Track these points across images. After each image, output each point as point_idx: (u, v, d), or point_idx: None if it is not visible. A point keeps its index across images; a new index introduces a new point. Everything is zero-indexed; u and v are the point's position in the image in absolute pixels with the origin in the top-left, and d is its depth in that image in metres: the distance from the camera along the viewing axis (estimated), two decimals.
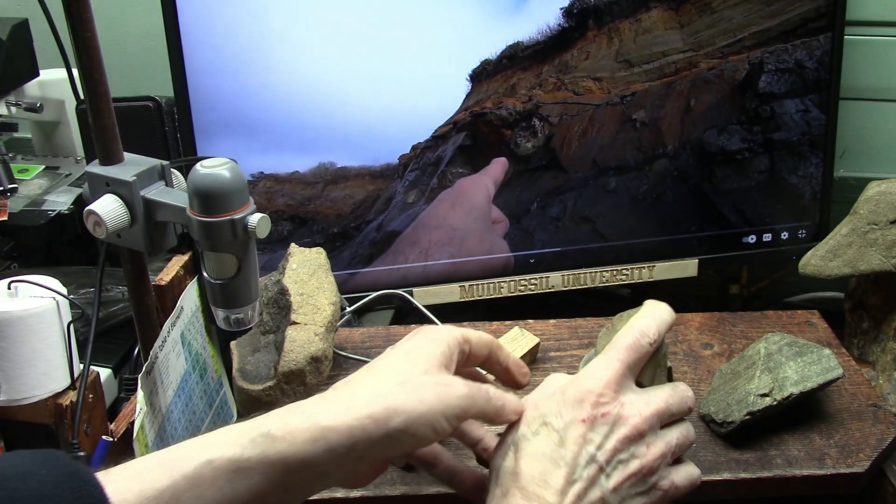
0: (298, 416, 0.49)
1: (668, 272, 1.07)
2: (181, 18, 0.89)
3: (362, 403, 0.50)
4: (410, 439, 0.50)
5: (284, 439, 0.48)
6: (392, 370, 0.53)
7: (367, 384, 0.52)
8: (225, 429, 0.50)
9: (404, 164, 0.99)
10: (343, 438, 0.49)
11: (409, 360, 0.54)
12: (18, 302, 0.73)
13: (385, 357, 0.55)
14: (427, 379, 0.53)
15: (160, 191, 0.68)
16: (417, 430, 0.50)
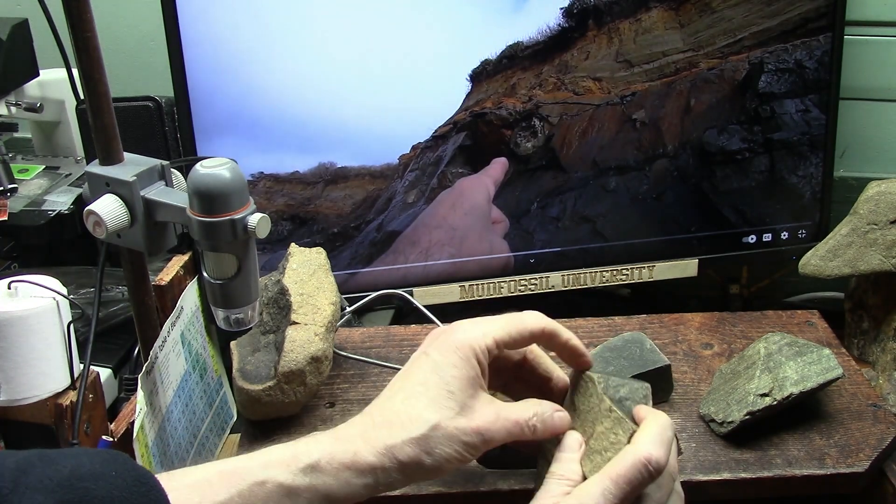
0: (343, 447, 0.53)
1: (668, 272, 1.07)
2: (181, 18, 0.89)
3: (399, 444, 0.53)
4: (446, 472, 0.55)
5: (329, 473, 0.52)
6: (426, 402, 0.54)
7: (404, 417, 0.54)
8: (279, 449, 0.53)
9: (404, 164, 0.99)
10: (382, 476, 0.53)
11: (440, 390, 0.54)
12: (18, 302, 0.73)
13: (414, 377, 0.56)
14: (459, 428, 0.54)
15: (160, 191, 0.68)
16: (451, 467, 0.54)
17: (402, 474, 0.53)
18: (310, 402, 0.85)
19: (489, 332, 0.57)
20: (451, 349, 0.55)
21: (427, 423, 0.53)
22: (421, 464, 0.53)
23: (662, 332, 0.96)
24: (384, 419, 0.54)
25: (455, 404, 0.54)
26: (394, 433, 0.53)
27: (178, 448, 0.85)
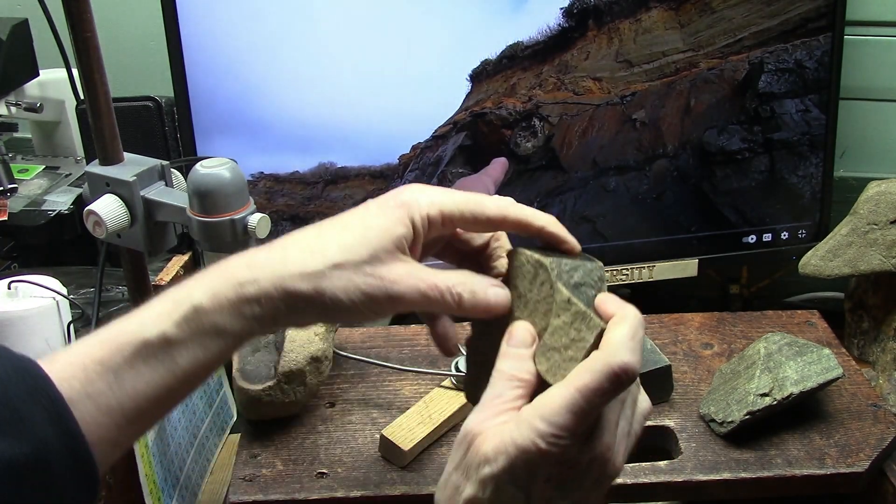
0: (225, 283, 0.49)
1: (668, 272, 1.07)
2: (181, 18, 0.89)
3: (290, 275, 0.48)
4: (341, 318, 0.51)
5: (214, 310, 0.48)
6: (332, 241, 0.49)
7: (300, 250, 0.49)
8: (160, 300, 0.49)
9: (404, 164, 0.99)
10: (267, 311, 0.48)
11: (357, 235, 0.49)
12: (18, 302, 0.73)
13: (340, 219, 0.51)
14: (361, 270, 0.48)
15: (160, 191, 0.68)
16: (348, 315, 0.49)
17: (292, 310, 0.48)
18: (310, 402, 0.85)
19: (437, 202, 0.50)
20: (390, 205, 0.50)
21: (328, 259, 0.48)
22: (311, 300, 0.48)
23: (662, 332, 0.96)
24: (279, 255, 0.49)
25: (366, 251, 0.48)
26: (288, 265, 0.48)
27: (178, 448, 0.85)
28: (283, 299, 0.48)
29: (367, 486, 0.75)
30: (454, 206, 0.51)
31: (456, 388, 0.84)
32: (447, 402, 0.82)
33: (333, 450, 0.80)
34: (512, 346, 0.50)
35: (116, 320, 0.49)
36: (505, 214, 0.51)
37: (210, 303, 0.48)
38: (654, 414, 0.84)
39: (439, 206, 0.50)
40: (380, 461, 0.78)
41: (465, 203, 0.51)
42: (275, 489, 0.75)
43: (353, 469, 0.77)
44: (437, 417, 0.80)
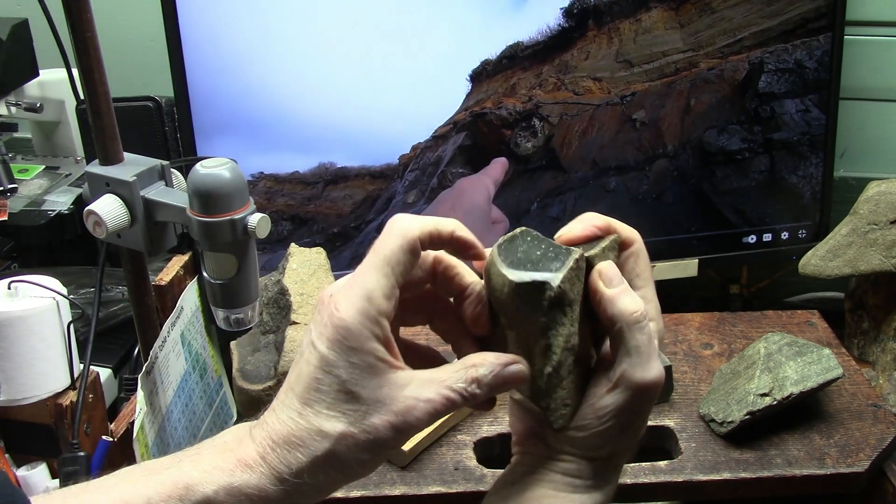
0: (243, 477, 0.46)
1: (668, 272, 1.07)
2: (181, 18, 0.89)
3: (306, 467, 0.45)
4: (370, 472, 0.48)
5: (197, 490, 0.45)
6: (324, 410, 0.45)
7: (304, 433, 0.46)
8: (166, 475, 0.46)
9: (404, 164, 0.99)
10: (294, 497, 0.46)
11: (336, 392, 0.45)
12: (18, 302, 0.73)
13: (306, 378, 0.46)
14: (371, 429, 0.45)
15: (160, 191, 0.68)
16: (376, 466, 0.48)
17: (317, 490, 0.47)
18: None
19: (375, 298, 0.45)
20: (336, 339, 0.45)
21: (329, 437, 0.45)
22: (336, 478, 0.46)
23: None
24: (283, 436, 0.45)
25: (358, 404, 0.45)
26: (297, 454, 0.45)
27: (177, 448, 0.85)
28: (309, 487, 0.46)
29: (367, 486, 0.75)
30: (388, 286, 0.46)
31: None
32: None
33: None
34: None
35: (113, 479, 0.47)
36: (429, 233, 0.47)
37: (225, 496, 0.45)
38: (655, 414, 0.84)
39: (377, 301, 0.45)
40: None
41: (387, 274, 0.46)
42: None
43: None
44: None
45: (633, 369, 0.48)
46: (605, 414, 0.48)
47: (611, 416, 0.48)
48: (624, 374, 0.48)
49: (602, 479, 0.51)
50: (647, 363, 0.48)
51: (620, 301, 0.48)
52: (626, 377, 0.48)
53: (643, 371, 0.48)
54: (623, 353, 0.48)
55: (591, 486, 0.51)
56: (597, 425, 0.49)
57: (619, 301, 0.48)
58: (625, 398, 0.48)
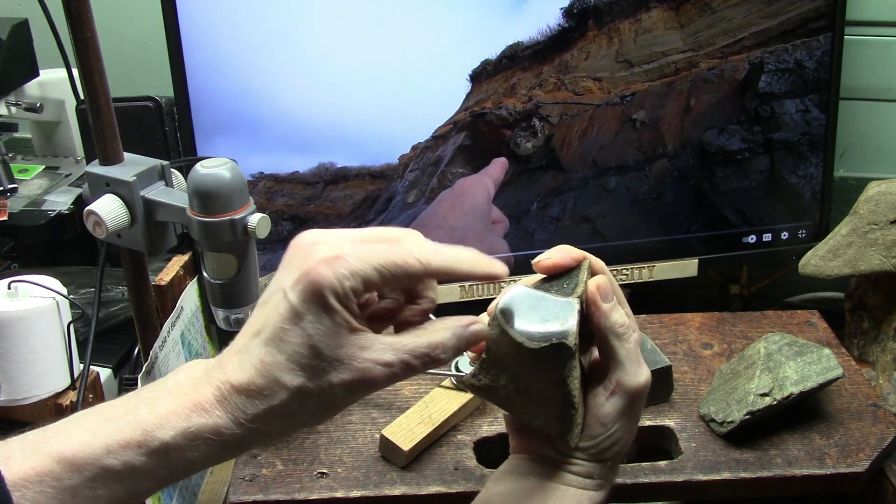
0: (200, 420, 0.46)
1: (668, 272, 1.07)
2: (181, 18, 0.89)
3: (262, 414, 0.46)
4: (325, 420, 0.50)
5: (187, 448, 0.46)
6: (285, 362, 0.46)
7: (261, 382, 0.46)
8: (125, 424, 0.46)
9: (404, 164, 0.99)
10: (246, 442, 0.47)
11: (301, 347, 0.46)
12: (18, 302, 0.73)
13: (272, 324, 0.46)
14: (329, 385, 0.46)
15: (160, 191, 0.68)
16: (330, 416, 0.50)
17: (270, 434, 0.47)
18: None
19: (358, 272, 0.46)
20: (312, 295, 0.45)
21: (287, 389, 0.45)
22: (288, 426, 0.47)
23: (662, 332, 0.96)
24: (242, 383, 0.46)
25: (320, 361, 0.46)
26: (255, 402, 0.46)
27: None
28: (263, 434, 0.47)
29: (367, 486, 0.75)
30: (375, 273, 0.46)
31: (456, 389, 0.84)
32: (447, 402, 0.82)
33: (333, 450, 0.80)
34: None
35: (70, 425, 0.47)
36: (427, 268, 0.48)
37: (182, 436, 0.46)
38: (654, 414, 0.84)
39: (361, 275, 0.46)
40: (380, 461, 0.78)
41: (384, 264, 0.47)
42: (275, 489, 0.75)
43: (353, 469, 0.77)
44: (437, 417, 0.80)
45: (626, 376, 0.54)
46: (609, 421, 0.54)
47: (614, 421, 0.54)
48: (619, 382, 0.54)
49: (609, 478, 0.57)
50: (637, 369, 0.55)
51: (612, 315, 0.54)
52: (622, 384, 0.54)
53: (635, 377, 0.54)
54: (615, 362, 0.54)
55: (600, 484, 0.56)
56: (603, 432, 0.54)
57: (611, 315, 0.54)
58: (623, 403, 0.54)
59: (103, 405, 0.49)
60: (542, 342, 0.50)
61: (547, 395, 0.53)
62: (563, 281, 0.55)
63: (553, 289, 0.55)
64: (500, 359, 0.52)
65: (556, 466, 0.56)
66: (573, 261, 0.56)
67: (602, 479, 0.56)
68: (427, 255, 0.48)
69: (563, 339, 0.50)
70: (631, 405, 0.55)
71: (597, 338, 0.55)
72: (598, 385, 0.55)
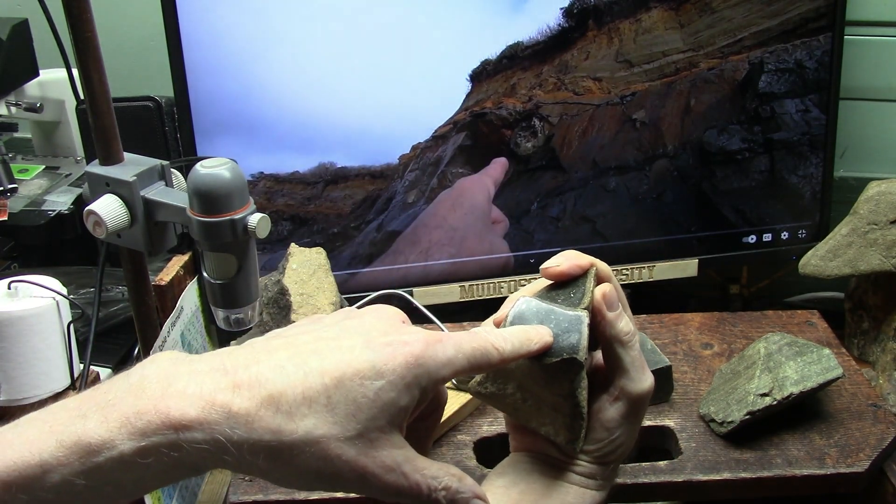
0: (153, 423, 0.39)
1: (668, 272, 1.07)
2: (181, 18, 0.89)
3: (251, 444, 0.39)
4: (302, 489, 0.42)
5: (135, 465, 0.39)
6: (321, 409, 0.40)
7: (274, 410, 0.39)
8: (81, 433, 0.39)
9: (404, 164, 0.99)
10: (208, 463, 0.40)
11: (349, 403, 0.40)
12: (18, 302, 0.73)
13: (334, 366, 0.40)
14: (343, 456, 0.40)
15: (160, 191, 0.68)
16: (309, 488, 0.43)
17: (248, 471, 0.40)
18: None
19: (454, 364, 0.43)
20: (403, 364, 0.41)
21: (302, 427, 0.39)
22: (280, 474, 0.40)
23: (662, 332, 0.96)
24: (252, 394, 0.39)
25: (359, 427, 0.40)
26: (260, 431, 0.38)
27: None
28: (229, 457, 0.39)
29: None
30: (467, 363, 0.44)
31: (456, 389, 0.84)
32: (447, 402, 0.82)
33: None
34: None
35: (10, 435, 0.40)
36: (503, 355, 0.47)
37: (133, 452, 0.38)
38: (655, 414, 0.84)
39: (455, 367, 0.43)
40: None
41: (474, 356, 0.44)
42: (275, 489, 0.75)
43: None
44: None
45: (630, 384, 0.55)
46: (613, 426, 0.55)
47: (617, 426, 0.55)
48: (624, 389, 0.55)
49: (610, 479, 0.58)
50: (641, 375, 0.55)
51: (618, 324, 0.54)
52: (627, 391, 0.55)
53: (640, 383, 0.55)
54: (620, 369, 0.55)
55: (601, 485, 0.57)
56: (607, 436, 0.55)
57: (617, 324, 0.54)
58: (627, 408, 0.55)
59: (54, 406, 0.42)
60: (553, 357, 0.51)
61: (555, 405, 0.53)
62: (570, 290, 0.55)
63: (560, 298, 0.54)
64: (509, 370, 0.53)
65: (559, 466, 0.56)
66: (580, 269, 0.56)
67: (603, 479, 0.57)
68: (501, 343, 0.47)
69: (574, 355, 0.51)
70: (634, 411, 0.56)
71: (601, 344, 0.56)
72: (602, 391, 0.56)
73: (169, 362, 0.41)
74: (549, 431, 0.55)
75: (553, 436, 0.55)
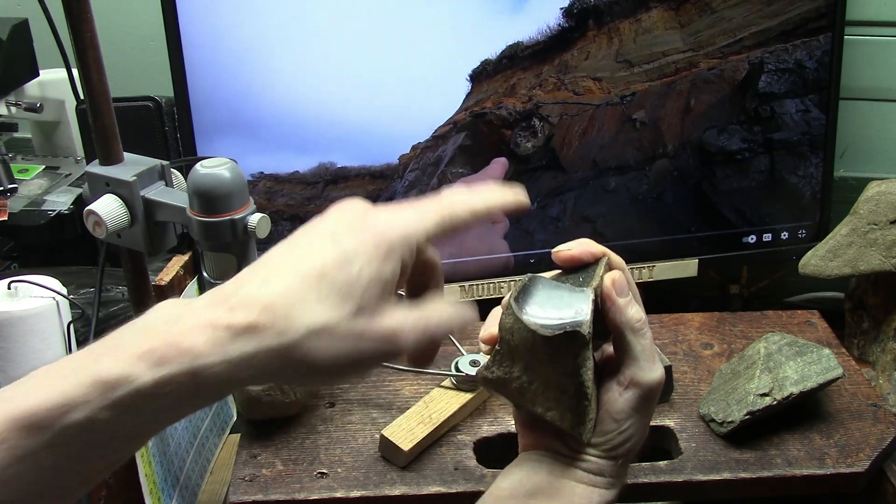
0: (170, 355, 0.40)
1: (668, 272, 1.07)
2: (181, 18, 0.89)
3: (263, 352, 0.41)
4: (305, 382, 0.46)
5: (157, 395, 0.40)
6: (316, 297, 0.42)
7: (280, 312, 0.41)
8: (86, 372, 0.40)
9: (404, 164, 0.99)
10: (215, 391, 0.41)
11: (341, 286, 0.42)
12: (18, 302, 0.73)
13: (310, 260, 0.43)
14: (358, 329, 0.42)
15: (160, 191, 0.68)
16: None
17: (266, 379, 0.42)
18: (310, 402, 0.85)
19: (423, 224, 0.45)
20: (371, 242, 0.43)
21: (305, 323, 0.41)
22: (297, 373, 0.42)
23: (662, 332, 0.96)
24: (249, 309, 0.41)
25: (354, 304, 0.42)
26: (266, 337, 0.40)
27: (178, 448, 0.85)
28: (258, 376, 0.41)
29: (367, 486, 0.75)
30: (435, 225, 0.46)
31: (456, 388, 0.84)
32: (447, 402, 0.82)
33: (333, 450, 0.80)
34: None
35: (25, 385, 0.42)
36: (474, 211, 0.48)
37: (152, 384, 0.40)
38: (654, 414, 0.84)
39: (424, 230, 0.45)
40: (380, 461, 0.78)
41: (441, 216, 0.46)
42: (275, 489, 0.75)
43: (353, 469, 0.77)
44: (437, 417, 0.80)
45: (641, 372, 0.53)
46: (622, 416, 0.54)
47: (626, 417, 0.54)
48: (634, 378, 0.54)
49: (620, 477, 0.56)
50: (652, 364, 0.54)
51: (629, 310, 0.53)
52: (637, 380, 0.53)
53: (650, 372, 0.54)
54: (630, 357, 0.54)
55: (611, 482, 0.55)
56: (616, 428, 0.54)
57: (627, 310, 0.53)
58: (637, 398, 0.54)
59: (60, 361, 0.43)
60: (556, 330, 0.50)
61: (560, 386, 0.52)
62: (580, 275, 0.55)
63: (569, 281, 0.54)
64: (514, 349, 0.52)
65: (567, 462, 0.55)
66: (591, 256, 0.55)
67: (613, 477, 0.55)
68: (468, 200, 0.48)
69: (577, 328, 0.50)
70: (644, 401, 0.54)
71: (612, 333, 0.55)
72: (612, 380, 0.55)
73: (171, 306, 0.44)
74: (555, 416, 0.53)
75: (558, 421, 0.53)
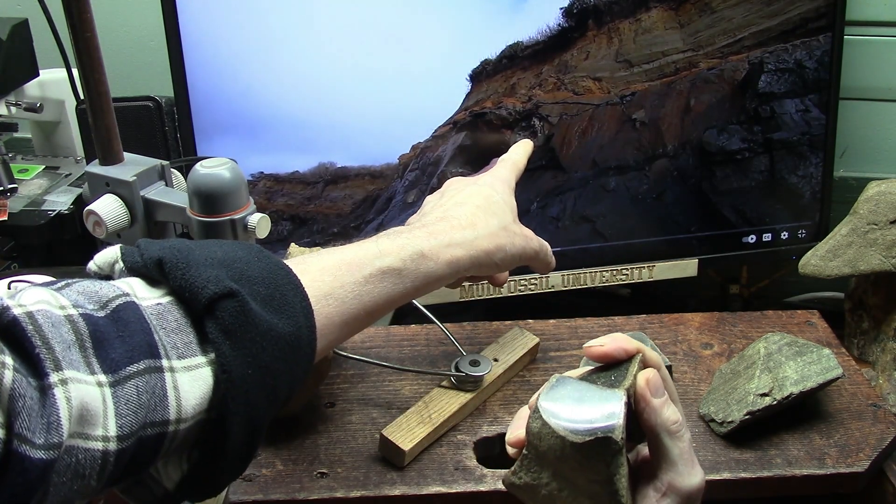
0: (439, 242, 0.65)
1: (668, 272, 1.07)
2: (181, 18, 0.89)
3: (482, 239, 0.68)
4: (498, 268, 0.72)
5: (431, 259, 0.63)
6: (495, 213, 0.71)
7: (482, 224, 0.69)
8: (385, 239, 0.63)
9: (404, 164, 0.99)
10: (467, 264, 0.66)
11: (500, 209, 0.72)
12: None
13: (475, 197, 0.72)
14: (517, 229, 0.73)
15: (160, 191, 0.68)
16: (507, 264, 0.72)
17: (476, 264, 0.67)
18: (310, 402, 0.85)
19: (513, 175, 0.79)
20: (499, 181, 0.76)
21: (499, 224, 0.70)
22: (491, 256, 0.69)
23: (662, 332, 0.96)
24: (462, 223, 0.68)
25: (510, 215, 0.73)
26: (478, 232, 0.68)
27: None
28: (476, 256, 0.67)
29: (367, 486, 0.75)
30: (517, 171, 0.84)
31: (456, 388, 0.84)
32: (447, 402, 0.82)
33: (333, 450, 0.80)
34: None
35: (349, 247, 0.61)
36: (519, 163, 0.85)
37: (430, 252, 0.64)
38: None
39: (515, 173, 0.82)
40: (380, 461, 0.78)
41: (514, 166, 0.84)
42: (275, 489, 0.75)
43: (353, 469, 0.77)
44: (437, 417, 0.80)
45: (679, 478, 0.51)
46: None
47: None
48: (672, 484, 0.51)
49: None
50: (692, 470, 0.52)
51: (664, 412, 0.51)
52: (675, 486, 0.51)
53: (689, 478, 0.51)
54: (667, 462, 0.52)
55: None
56: None
57: (663, 411, 0.51)
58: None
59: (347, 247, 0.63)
60: (586, 436, 0.48)
61: (592, 494, 0.50)
62: (612, 373, 0.52)
63: (600, 380, 0.52)
64: (542, 454, 0.50)
65: None
66: (625, 353, 0.53)
67: None
68: (520, 154, 0.84)
69: (609, 433, 0.47)
70: None
71: (647, 435, 0.52)
72: (648, 486, 0.52)
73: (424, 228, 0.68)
74: None
75: None
